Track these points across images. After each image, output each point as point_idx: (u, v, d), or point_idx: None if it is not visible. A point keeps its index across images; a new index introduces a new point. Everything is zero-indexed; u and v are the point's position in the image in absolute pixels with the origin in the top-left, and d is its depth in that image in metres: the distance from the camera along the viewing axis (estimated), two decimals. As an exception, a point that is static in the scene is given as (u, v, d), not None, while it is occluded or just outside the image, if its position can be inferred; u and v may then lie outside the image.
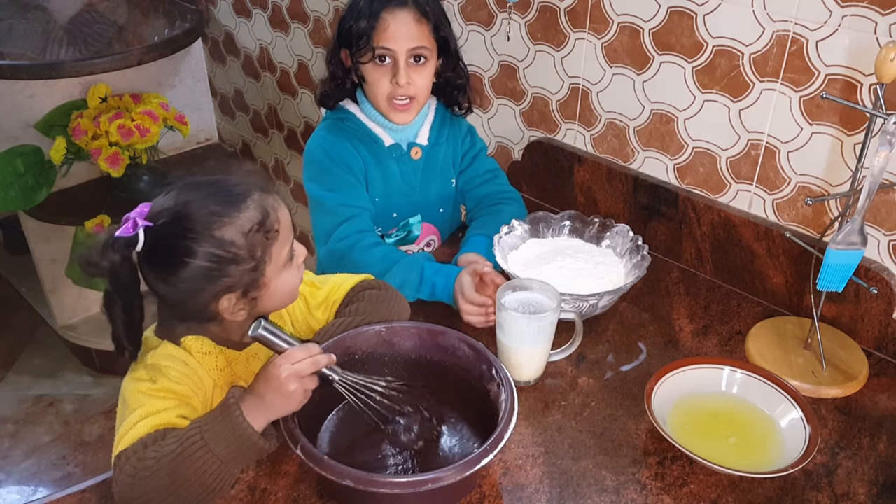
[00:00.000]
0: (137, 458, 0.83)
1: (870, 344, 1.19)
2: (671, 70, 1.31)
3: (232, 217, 0.87)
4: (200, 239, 0.85)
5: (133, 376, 0.92)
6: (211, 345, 0.96)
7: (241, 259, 0.87)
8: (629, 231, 1.29)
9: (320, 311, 1.09)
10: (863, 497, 0.94)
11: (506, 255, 1.26)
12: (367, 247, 1.26)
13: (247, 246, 0.87)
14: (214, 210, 0.86)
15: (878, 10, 1.05)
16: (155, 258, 0.87)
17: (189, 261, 0.85)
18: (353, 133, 1.34)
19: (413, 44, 1.25)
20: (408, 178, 1.39)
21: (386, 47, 1.25)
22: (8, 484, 2.12)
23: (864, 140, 1.01)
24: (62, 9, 2.35)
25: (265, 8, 2.18)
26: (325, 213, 1.31)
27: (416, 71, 1.28)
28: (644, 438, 1.02)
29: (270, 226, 0.89)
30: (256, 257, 0.88)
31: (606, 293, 1.16)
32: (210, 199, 0.88)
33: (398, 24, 1.24)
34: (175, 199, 0.88)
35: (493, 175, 1.45)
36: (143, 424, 0.86)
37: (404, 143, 1.37)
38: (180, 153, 2.55)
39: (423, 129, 1.38)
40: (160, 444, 0.83)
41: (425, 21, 1.26)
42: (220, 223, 0.86)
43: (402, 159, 1.37)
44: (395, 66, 1.26)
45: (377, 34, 1.24)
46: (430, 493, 0.82)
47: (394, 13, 1.24)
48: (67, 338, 2.50)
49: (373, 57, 1.26)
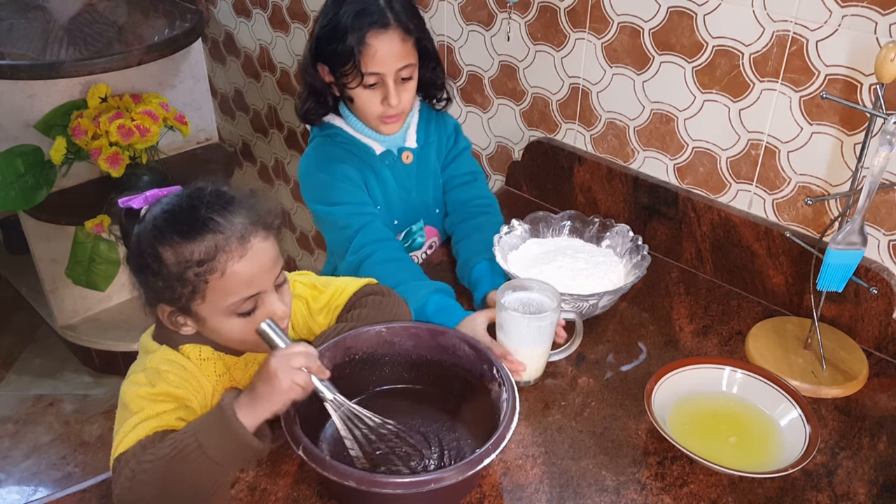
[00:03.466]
0: (136, 461, 0.83)
1: (870, 344, 1.19)
2: (671, 70, 1.31)
3: (176, 242, 0.87)
4: (148, 241, 0.88)
5: (131, 380, 0.93)
6: (209, 351, 0.96)
7: (165, 279, 0.87)
8: (629, 231, 1.29)
9: (322, 315, 1.08)
10: (863, 497, 0.94)
11: (506, 255, 1.26)
12: (378, 262, 1.23)
13: (175, 273, 0.87)
14: (170, 226, 0.87)
15: (878, 10, 1.05)
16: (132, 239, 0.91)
17: (137, 256, 0.89)
18: (344, 147, 1.33)
19: (400, 64, 1.24)
20: (403, 183, 1.37)
21: (375, 72, 1.23)
22: (8, 484, 2.12)
23: (864, 140, 1.01)
24: (62, 9, 2.35)
25: (265, 8, 2.18)
26: (337, 229, 1.29)
27: (403, 88, 1.27)
28: (644, 438, 1.02)
29: (205, 270, 0.86)
30: (181, 289, 0.87)
31: (607, 293, 1.16)
32: (175, 214, 0.88)
33: (385, 48, 1.21)
34: (169, 199, 0.91)
35: (473, 178, 1.43)
36: (141, 427, 0.86)
37: (394, 148, 1.36)
38: (180, 153, 2.55)
39: (410, 131, 1.37)
40: (157, 447, 0.83)
41: (409, 38, 1.24)
42: (167, 239, 0.87)
43: (395, 165, 1.36)
44: (385, 88, 1.25)
45: (364, 59, 1.21)
46: (431, 493, 0.82)
47: (379, 37, 1.21)
48: (67, 338, 2.50)
49: (361, 82, 1.24)
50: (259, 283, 0.89)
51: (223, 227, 0.87)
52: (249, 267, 0.88)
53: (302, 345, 0.88)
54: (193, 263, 0.85)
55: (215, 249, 0.86)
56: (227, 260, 0.86)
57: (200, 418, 0.87)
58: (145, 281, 0.89)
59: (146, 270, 0.88)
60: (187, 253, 0.86)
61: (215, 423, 0.84)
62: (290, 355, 0.86)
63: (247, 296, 0.89)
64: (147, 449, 0.83)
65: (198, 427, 0.84)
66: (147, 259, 0.87)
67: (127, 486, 0.83)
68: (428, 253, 1.46)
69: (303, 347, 0.88)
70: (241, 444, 0.84)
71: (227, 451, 0.84)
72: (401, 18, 1.22)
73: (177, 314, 0.91)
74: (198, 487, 0.84)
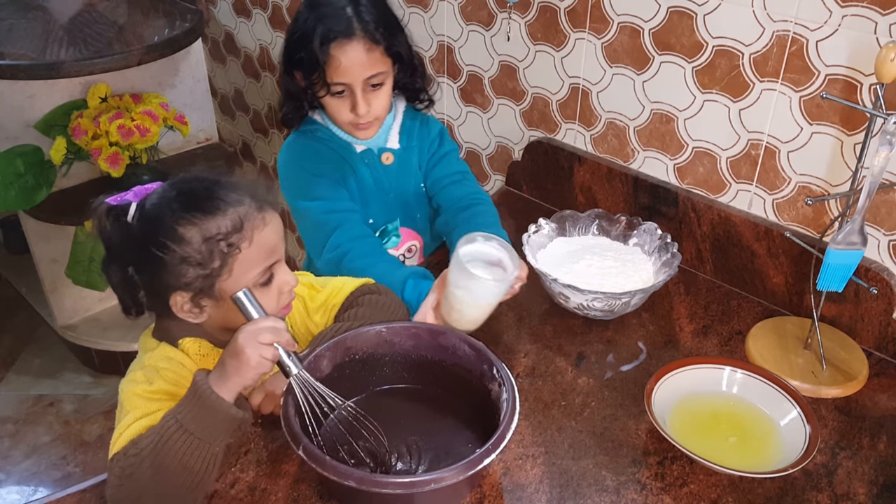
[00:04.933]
0: (125, 458, 0.83)
1: (870, 344, 1.19)
2: (671, 70, 1.31)
3: (199, 219, 0.87)
4: (166, 226, 0.87)
5: (129, 378, 0.93)
6: (209, 346, 0.96)
7: (191, 260, 0.87)
8: (657, 229, 1.29)
9: (319, 314, 1.08)
10: (863, 497, 0.94)
11: (535, 254, 1.26)
12: (356, 258, 1.22)
13: (203, 251, 0.87)
14: (188, 206, 0.88)
15: (878, 10, 1.05)
16: (130, 236, 0.90)
17: (149, 247, 0.87)
18: (324, 141, 1.32)
19: (367, 73, 1.22)
20: (381, 184, 1.35)
21: (340, 82, 1.22)
22: (8, 484, 2.12)
23: (864, 140, 1.01)
24: (62, 9, 2.34)
25: (265, 8, 2.18)
26: (313, 226, 1.27)
27: (373, 95, 1.25)
28: (644, 438, 1.02)
29: (237, 240, 0.88)
30: (210, 265, 0.87)
31: (638, 291, 1.17)
32: (190, 195, 0.89)
33: (349, 59, 1.20)
34: (165, 187, 0.91)
35: (462, 177, 1.40)
36: (135, 427, 0.86)
37: (375, 148, 1.35)
38: (180, 153, 2.55)
39: (392, 132, 1.35)
40: (141, 440, 0.83)
41: (377, 46, 1.21)
42: (186, 221, 0.87)
43: (374, 165, 1.34)
44: (353, 97, 1.23)
45: (329, 70, 1.20)
46: (431, 493, 0.82)
47: (343, 48, 1.19)
48: (67, 338, 2.50)
49: (328, 91, 1.23)
50: (278, 252, 0.93)
51: (242, 200, 0.90)
52: (272, 235, 0.92)
53: (271, 319, 0.89)
54: (223, 235, 0.87)
55: (240, 220, 0.88)
56: (254, 228, 0.89)
57: (178, 403, 0.86)
58: (158, 270, 0.88)
59: (162, 257, 0.87)
60: (213, 228, 0.87)
61: (191, 400, 0.84)
62: (258, 331, 0.86)
63: (269, 264, 0.92)
64: (136, 445, 0.84)
65: (175, 409, 0.85)
66: (166, 243, 0.86)
67: (116, 485, 0.83)
68: (407, 256, 1.44)
69: (271, 322, 0.88)
70: (218, 413, 0.84)
71: (208, 423, 0.83)
72: (368, 27, 1.20)
73: (198, 297, 0.90)
74: (188, 471, 0.83)
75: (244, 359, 0.85)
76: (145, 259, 0.88)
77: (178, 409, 0.84)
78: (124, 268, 0.91)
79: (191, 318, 0.92)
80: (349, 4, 1.21)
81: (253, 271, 0.90)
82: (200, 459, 0.84)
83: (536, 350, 1.17)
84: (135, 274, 0.91)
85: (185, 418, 0.83)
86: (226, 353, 0.87)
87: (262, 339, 0.86)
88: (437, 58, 1.72)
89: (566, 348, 1.18)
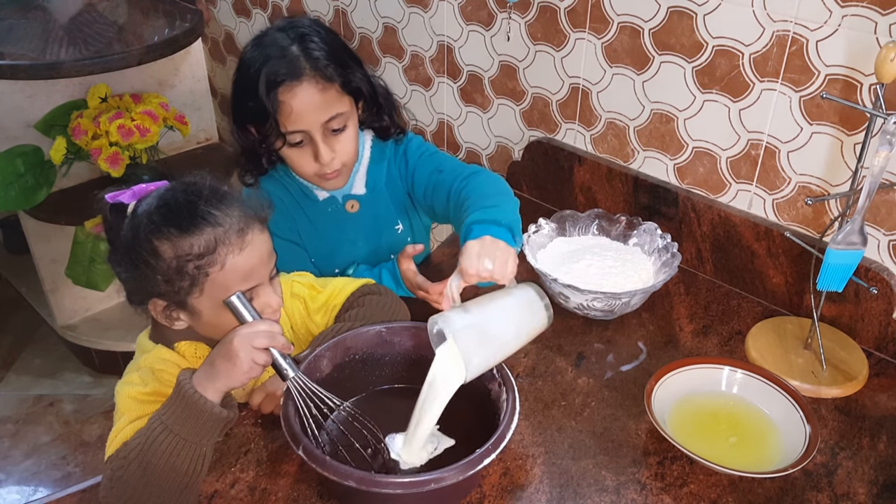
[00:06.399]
0: (116, 461, 0.83)
1: (870, 344, 1.19)
2: (671, 70, 1.31)
3: (175, 235, 0.86)
4: (143, 235, 0.87)
5: (125, 380, 0.93)
6: (205, 349, 0.96)
7: (162, 274, 0.86)
8: (657, 229, 1.30)
9: (319, 315, 1.08)
10: (863, 497, 0.94)
11: (535, 254, 1.26)
12: None
13: (173, 268, 0.86)
14: (167, 220, 0.86)
15: (878, 10, 1.05)
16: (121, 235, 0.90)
17: (130, 250, 0.88)
18: (284, 187, 1.21)
19: (325, 116, 1.10)
20: (347, 234, 1.25)
21: (296, 130, 1.10)
22: (8, 484, 2.12)
23: (864, 140, 1.01)
24: (62, 9, 2.34)
25: (265, 8, 2.17)
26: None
27: (337, 140, 1.13)
28: (644, 438, 1.02)
29: (206, 263, 0.86)
30: (179, 283, 0.86)
31: (638, 291, 1.17)
32: (173, 208, 0.87)
33: (301, 103, 1.08)
34: (161, 192, 0.90)
35: (439, 171, 1.23)
36: (128, 430, 0.86)
37: (340, 196, 1.24)
38: (180, 153, 2.54)
39: (357, 176, 1.23)
40: (129, 443, 0.83)
41: (331, 84, 1.10)
42: (162, 235, 0.86)
43: (338, 214, 1.24)
44: (314, 145, 1.12)
45: (281, 118, 1.08)
46: (432, 493, 0.82)
47: (293, 91, 1.07)
48: (67, 338, 2.49)
49: (285, 142, 1.11)
50: (256, 276, 0.90)
51: (222, 221, 0.87)
52: (248, 260, 0.88)
53: (266, 322, 0.88)
54: (193, 257, 0.85)
55: (215, 242, 0.86)
56: (228, 253, 0.86)
57: (163, 404, 0.86)
58: (138, 276, 0.88)
59: (140, 265, 0.87)
60: (186, 246, 0.85)
61: (175, 401, 0.84)
62: (254, 334, 0.85)
63: (245, 289, 0.88)
64: (126, 447, 0.84)
65: (160, 411, 0.85)
66: (143, 253, 0.86)
67: (108, 487, 0.83)
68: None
69: (266, 326, 0.87)
70: (203, 414, 0.83)
71: (192, 424, 0.83)
72: (318, 65, 1.09)
73: (171, 308, 0.90)
74: (175, 472, 0.83)
75: (237, 362, 0.84)
76: (128, 260, 0.89)
77: (162, 411, 0.84)
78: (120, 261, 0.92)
79: (177, 326, 0.92)
80: (294, 42, 1.10)
81: (226, 293, 0.87)
82: (188, 460, 0.83)
83: (536, 350, 1.17)
84: (122, 271, 0.91)
85: (169, 419, 0.83)
86: (216, 353, 0.86)
87: (258, 343, 0.85)
88: (437, 58, 1.72)
89: (566, 348, 1.18)
